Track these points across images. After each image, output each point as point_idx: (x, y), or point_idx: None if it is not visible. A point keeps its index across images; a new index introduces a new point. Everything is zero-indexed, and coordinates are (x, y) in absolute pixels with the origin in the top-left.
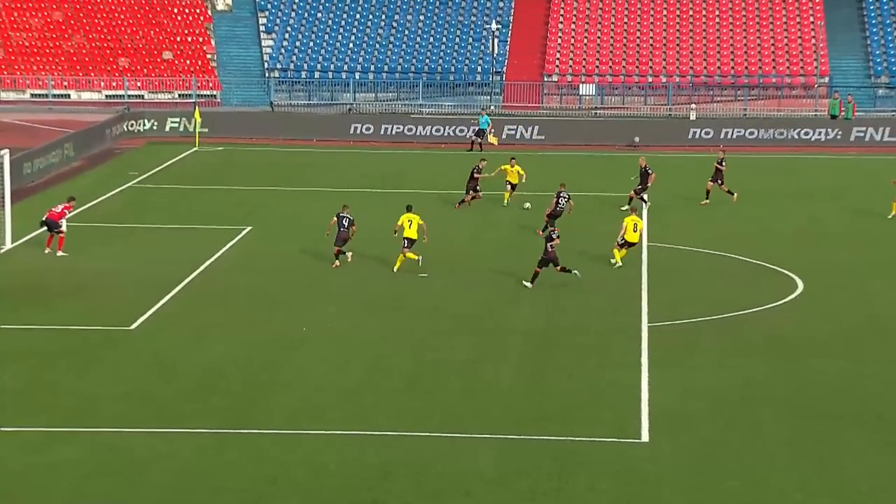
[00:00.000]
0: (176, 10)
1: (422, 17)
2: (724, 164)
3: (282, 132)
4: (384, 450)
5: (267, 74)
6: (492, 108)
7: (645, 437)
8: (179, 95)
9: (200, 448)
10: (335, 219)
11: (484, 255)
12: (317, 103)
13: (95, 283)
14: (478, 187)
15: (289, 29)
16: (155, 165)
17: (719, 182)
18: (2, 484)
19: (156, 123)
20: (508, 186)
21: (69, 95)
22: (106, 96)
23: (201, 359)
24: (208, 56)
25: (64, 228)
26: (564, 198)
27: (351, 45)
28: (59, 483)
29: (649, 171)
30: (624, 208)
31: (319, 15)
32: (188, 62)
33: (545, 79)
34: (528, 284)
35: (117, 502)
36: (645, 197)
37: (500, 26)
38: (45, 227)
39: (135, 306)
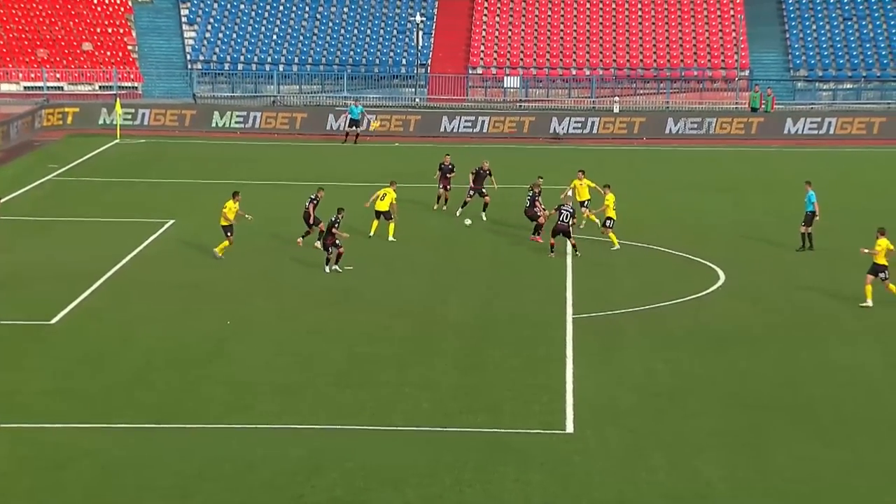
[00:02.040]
0: (96, 1)
1: (346, 10)
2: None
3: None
4: (313, 444)
5: (189, 66)
6: (354, 99)
7: (570, 428)
8: (100, 87)
9: (126, 444)
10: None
11: (421, 248)
12: (241, 95)
13: (14, 276)
14: (448, 186)
15: (211, 20)
16: (76, 158)
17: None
18: None
19: (76, 115)
20: (584, 210)
21: None
22: (24, 88)
23: (126, 353)
24: (129, 47)
25: None
26: (568, 212)
27: (274, 36)
28: None
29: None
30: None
31: (242, 6)
32: (109, 53)
33: (470, 71)
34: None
35: (39, 500)
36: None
37: (424, 19)
38: None
39: (55, 300)
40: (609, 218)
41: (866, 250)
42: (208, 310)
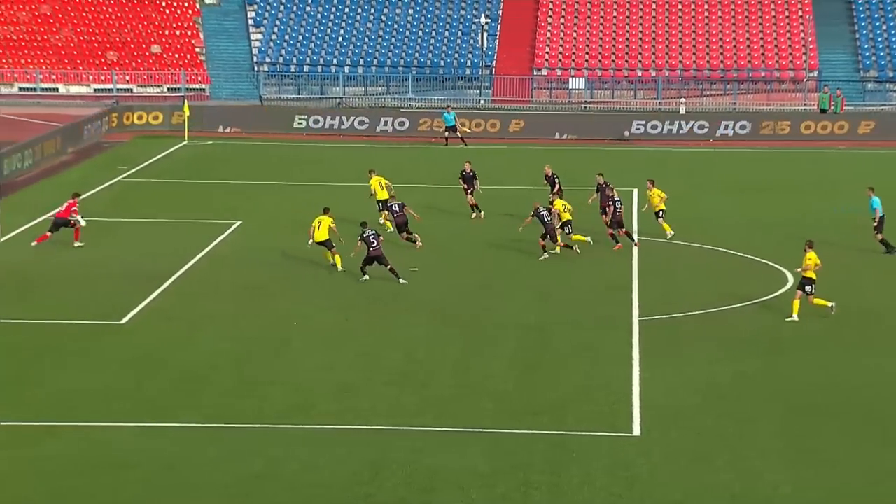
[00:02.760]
0: (164, 4)
1: (411, 11)
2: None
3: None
4: (375, 444)
5: (256, 68)
6: (450, 104)
7: (636, 430)
8: (168, 89)
9: (188, 443)
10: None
11: (474, 250)
12: (306, 97)
13: (86, 277)
14: (471, 191)
15: (277, 23)
16: (144, 159)
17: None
18: None
19: (144, 117)
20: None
21: (57, 89)
22: (94, 90)
23: (191, 353)
24: (197, 50)
25: (81, 222)
26: (546, 209)
27: (340, 38)
28: (44, 477)
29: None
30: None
31: (308, 8)
32: (177, 56)
33: (535, 73)
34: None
35: (103, 498)
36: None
37: (489, 20)
38: (57, 227)
39: (125, 300)
40: (660, 210)
41: (799, 269)
42: (271, 310)
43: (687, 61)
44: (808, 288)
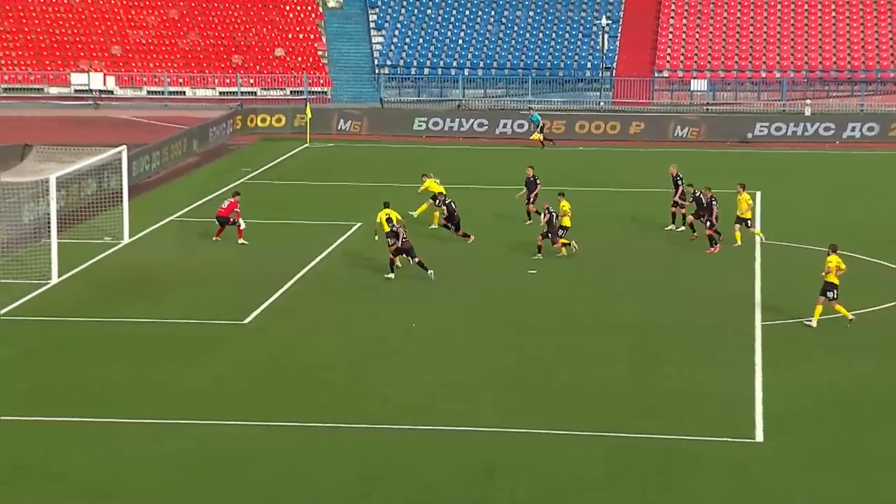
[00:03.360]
0: (288, 8)
1: (531, 13)
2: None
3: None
4: (489, 447)
5: (377, 71)
6: (533, 105)
7: (759, 437)
8: (291, 92)
9: (307, 442)
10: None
11: (591, 251)
12: (426, 99)
13: (210, 277)
14: (533, 199)
15: (399, 25)
16: (267, 161)
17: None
18: (112, 474)
19: (268, 120)
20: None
21: (184, 92)
22: (220, 93)
23: (310, 353)
24: (319, 53)
25: (241, 223)
26: (552, 213)
27: (460, 41)
28: (168, 475)
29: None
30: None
31: (429, 11)
32: (300, 59)
33: (656, 74)
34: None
35: (224, 496)
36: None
37: (610, 21)
38: (221, 225)
39: (248, 301)
40: (745, 218)
41: (822, 273)
42: (390, 311)
43: (813, 62)
44: (829, 293)
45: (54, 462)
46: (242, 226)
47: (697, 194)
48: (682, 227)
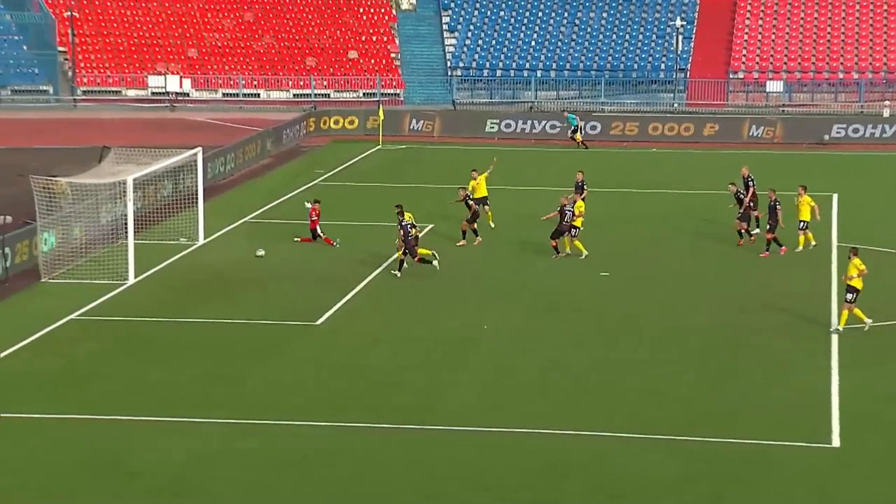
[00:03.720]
0: (361, 10)
1: (605, 15)
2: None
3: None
4: (560, 449)
5: (450, 73)
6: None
7: (835, 442)
8: (364, 94)
9: (377, 443)
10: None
11: (662, 253)
12: (498, 101)
13: (284, 278)
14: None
15: (471, 27)
16: (340, 163)
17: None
18: (186, 473)
19: (341, 122)
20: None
21: (258, 94)
22: (293, 95)
23: (382, 354)
24: (392, 55)
25: (320, 232)
26: (570, 212)
27: (533, 42)
28: (244, 474)
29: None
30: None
31: (502, 13)
32: (373, 61)
33: (731, 76)
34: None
35: (295, 495)
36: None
37: (684, 23)
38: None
39: (321, 301)
40: (805, 221)
41: (844, 277)
42: (461, 313)
43: (892, 62)
44: (849, 296)
45: (130, 460)
46: (320, 233)
47: (737, 192)
48: (757, 230)
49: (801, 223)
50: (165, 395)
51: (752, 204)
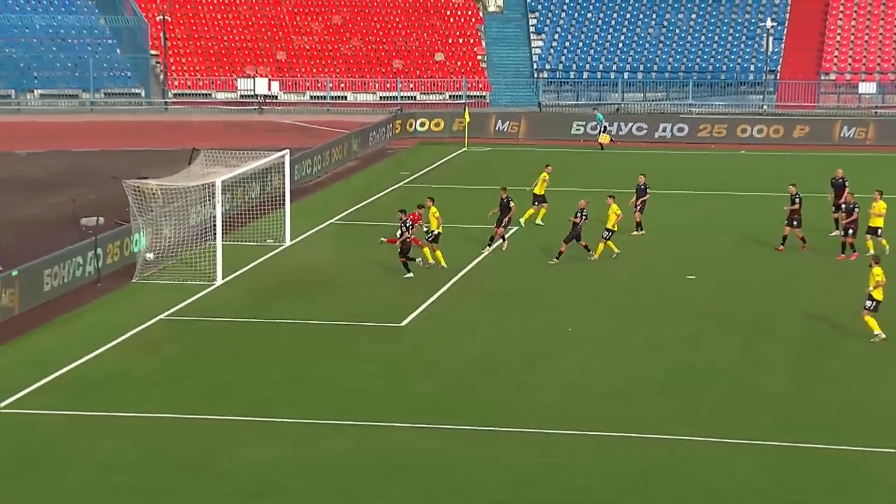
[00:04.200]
0: (448, 13)
1: (693, 16)
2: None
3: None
4: (644, 453)
5: (536, 75)
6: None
7: None
8: (450, 96)
9: (461, 445)
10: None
11: (749, 256)
12: (585, 103)
13: (370, 279)
14: (641, 207)
15: (558, 29)
16: (425, 165)
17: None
18: (274, 473)
19: (426, 124)
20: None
21: (345, 97)
22: (380, 97)
23: (464, 356)
24: (479, 57)
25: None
26: (584, 216)
27: (620, 44)
28: (329, 475)
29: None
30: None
31: (589, 15)
32: (459, 63)
33: (822, 77)
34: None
35: (378, 492)
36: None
37: (775, 24)
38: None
39: (405, 303)
40: (877, 227)
41: (868, 288)
42: (544, 315)
43: None
44: (868, 303)
45: (221, 459)
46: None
47: (796, 193)
48: (837, 232)
49: (875, 229)
50: (252, 395)
51: (844, 206)
